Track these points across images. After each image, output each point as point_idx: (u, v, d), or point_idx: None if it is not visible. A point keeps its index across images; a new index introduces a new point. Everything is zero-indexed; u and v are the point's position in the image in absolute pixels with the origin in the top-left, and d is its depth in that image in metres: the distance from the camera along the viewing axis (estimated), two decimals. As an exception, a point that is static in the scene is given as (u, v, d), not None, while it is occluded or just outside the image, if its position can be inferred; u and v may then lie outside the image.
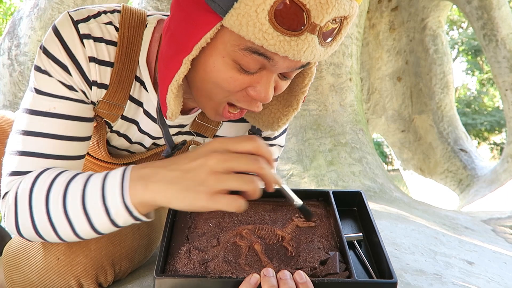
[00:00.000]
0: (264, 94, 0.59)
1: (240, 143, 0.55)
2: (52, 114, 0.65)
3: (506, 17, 3.75)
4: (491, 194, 3.82)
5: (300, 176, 2.59)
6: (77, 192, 0.58)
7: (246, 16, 0.49)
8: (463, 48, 11.44)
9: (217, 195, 0.52)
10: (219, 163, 0.53)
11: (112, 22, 0.67)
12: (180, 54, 0.56)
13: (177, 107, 0.61)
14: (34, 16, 3.00)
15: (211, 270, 0.54)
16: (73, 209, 0.58)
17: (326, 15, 0.50)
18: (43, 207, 0.60)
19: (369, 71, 4.82)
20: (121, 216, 0.57)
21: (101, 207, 0.57)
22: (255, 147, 0.55)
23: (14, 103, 3.01)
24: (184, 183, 0.53)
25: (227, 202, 0.52)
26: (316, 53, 0.54)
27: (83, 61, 0.65)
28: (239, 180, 0.53)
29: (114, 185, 0.57)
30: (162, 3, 2.97)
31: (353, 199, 0.74)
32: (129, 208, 0.56)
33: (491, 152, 11.42)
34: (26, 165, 0.65)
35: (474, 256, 1.43)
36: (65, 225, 0.60)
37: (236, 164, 0.53)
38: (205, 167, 0.53)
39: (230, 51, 0.55)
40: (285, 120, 0.72)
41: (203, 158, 0.54)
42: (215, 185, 0.52)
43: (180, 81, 0.57)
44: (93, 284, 0.73)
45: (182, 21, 0.56)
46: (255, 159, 0.54)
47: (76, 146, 0.68)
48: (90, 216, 0.58)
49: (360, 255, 0.63)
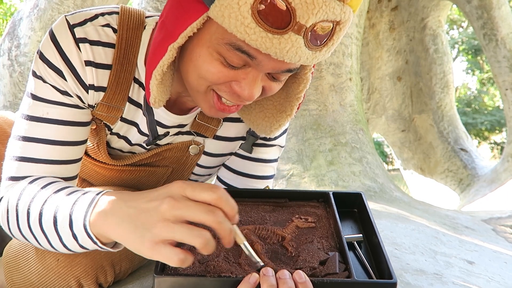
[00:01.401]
0: (248, 92, 0.58)
1: (199, 191, 0.49)
2: (46, 119, 0.66)
3: (506, 17, 3.74)
4: (491, 194, 3.82)
5: (300, 176, 2.59)
6: (51, 213, 0.58)
7: (228, 7, 0.49)
8: (463, 47, 11.44)
9: (160, 245, 0.47)
10: (170, 210, 0.48)
11: (110, 24, 0.67)
12: (167, 41, 0.56)
13: (161, 95, 0.61)
14: (34, 16, 3.00)
15: (210, 269, 0.54)
16: (48, 228, 0.58)
17: (311, 16, 0.49)
18: (25, 221, 0.61)
19: (369, 70, 4.82)
20: (87, 243, 0.56)
21: (69, 232, 0.56)
22: (214, 199, 0.49)
23: (14, 104, 3.01)
24: (134, 223, 0.49)
25: (168, 255, 0.47)
26: (301, 55, 0.53)
27: (79, 66, 0.65)
28: (188, 232, 0.47)
29: (80, 213, 0.55)
30: (162, 4, 2.97)
31: (354, 200, 0.74)
32: (91, 237, 0.54)
33: (491, 152, 11.42)
34: (23, 170, 0.66)
35: (475, 256, 1.43)
36: (44, 241, 0.61)
37: (188, 214, 0.48)
38: (157, 212, 0.49)
39: (215, 43, 0.54)
40: (278, 126, 0.71)
41: (159, 201, 0.49)
42: (161, 233, 0.47)
43: (165, 68, 0.57)
44: (93, 284, 0.73)
45: (173, 9, 0.56)
46: (211, 211, 0.48)
47: (72, 151, 0.69)
48: (62, 238, 0.58)
49: (360, 256, 0.63)
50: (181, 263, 0.47)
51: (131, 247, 0.50)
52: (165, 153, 0.82)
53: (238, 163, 0.88)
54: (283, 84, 0.64)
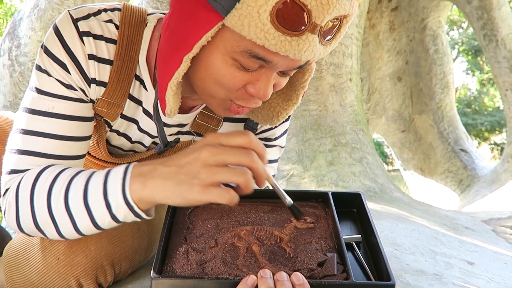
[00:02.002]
0: (263, 92, 0.59)
1: (232, 137, 0.55)
2: (51, 114, 0.66)
3: (506, 17, 3.74)
4: (491, 194, 3.82)
5: (300, 176, 2.59)
6: (80, 187, 0.59)
7: (248, 16, 0.50)
8: (463, 48, 11.44)
9: (210, 188, 0.52)
10: (211, 156, 0.53)
11: (113, 20, 0.67)
12: (180, 52, 0.56)
13: (176, 105, 0.62)
14: (34, 16, 3.01)
15: (208, 271, 0.54)
16: (75, 204, 0.59)
17: (327, 15, 0.50)
18: (44, 202, 0.60)
19: (369, 71, 4.82)
20: (121, 211, 0.58)
21: (103, 202, 0.57)
22: (247, 141, 0.54)
23: (14, 104, 3.01)
24: (178, 177, 0.53)
25: (219, 194, 0.52)
26: (316, 52, 0.55)
27: (82, 59, 0.65)
28: (231, 172, 0.52)
29: (116, 181, 0.57)
30: (162, 4, 2.97)
31: (353, 201, 0.74)
32: (129, 203, 0.56)
33: (491, 152, 11.41)
34: (25, 163, 0.65)
35: (475, 257, 1.43)
36: (66, 220, 0.60)
37: (228, 157, 0.53)
38: (198, 160, 0.53)
39: (230, 50, 0.55)
40: (285, 114, 0.73)
41: (197, 152, 0.54)
42: (207, 177, 0.52)
43: (180, 79, 0.58)
44: (93, 284, 0.73)
45: (182, 19, 0.56)
46: (247, 152, 0.54)
47: (76, 146, 0.69)
48: (91, 210, 0.59)
49: (359, 257, 0.63)
50: (232, 201, 0.52)
51: (180, 200, 0.54)
52: (165, 152, 0.82)
53: (238, 163, 0.88)
54: (289, 77, 0.65)
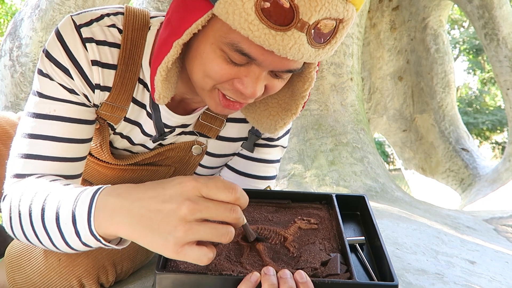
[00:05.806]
0: (250, 89, 0.58)
1: (215, 192, 0.49)
2: (52, 116, 0.66)
3: (507, 16, 3.74)
4: (493, 194, 3.81)
5: (301, 176, 2.59)
6: (52, 209, 0.57)
7: (233, 4, 0.50)
8: (464, 47, 11.43)
9: (186, 248, 0.47)
10: (191, 213, 0.47)
11: (116, 24, 0.67)
12: (172, 37, 0.56)
13: (165, 91, 0.61)
14: (35, 17, 3.01)
15: (212, 267, 0.54)
16: (50, 227, 0.57)
17: (314, 13, 0.49)
18: (27, 220, 0.59)
19: (370, 70, 4.82)
20: (91, 242, 0.55)
21: (73, 229, 0.55)
22: (234, 199, 0.49)
23: (15, 104, 3.02)
24: (150, 225, 0.48)
25: (196, 256, 0.47)
26: (304, 52, 0.54)
27: (86, 65, 0.65)
28: (212, 232, 0.48)
29: (83, 211, 0.53)
30: (163, 4, 2.97)
31: (356, 203, 0.74)
32: (96, 237, 0.53)
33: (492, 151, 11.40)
34: (29, 167, 0.66)
35: (476, 256, 1.43)
36: (47, 240, 0.59)
37: (209, 215, 0.48)
38: (176, 215, 0.47)
39: (219, 40, 0.55)
40: (283, 124, 0.71)
41: (175, 204, 0.48)
42: (185, 237, 0.47)
43: (169, 64, 0.57)
44: (95, 284, 0.73)
45: (178, 6, 0.57)
46: (232, 209, 0.49)
47: (77, 148, 0.69)
48: (65, 236, 0.56)
49: (362, 258, 0.63)
50: (210, 261, 0.48)
51: (153, 249, 0.49)
52: (168, 152, 0.82)
53: (240, 163, 0.88)
54: (286, 82, 0.64)
